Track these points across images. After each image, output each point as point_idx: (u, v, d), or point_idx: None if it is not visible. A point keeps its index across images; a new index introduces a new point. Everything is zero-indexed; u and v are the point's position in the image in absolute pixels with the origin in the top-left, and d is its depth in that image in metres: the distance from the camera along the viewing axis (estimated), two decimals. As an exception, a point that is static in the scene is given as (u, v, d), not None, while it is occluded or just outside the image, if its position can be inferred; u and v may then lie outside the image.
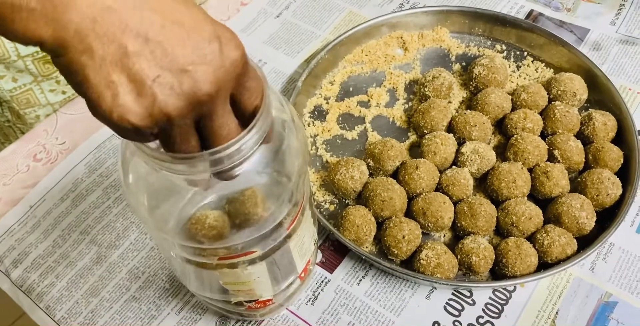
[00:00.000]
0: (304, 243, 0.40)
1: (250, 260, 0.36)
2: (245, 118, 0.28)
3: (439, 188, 0.51)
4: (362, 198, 0.51)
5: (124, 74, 0.23)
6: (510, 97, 0.57)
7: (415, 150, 0.56)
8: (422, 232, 0.49)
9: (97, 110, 0.24)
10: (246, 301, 0.41)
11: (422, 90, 0.58)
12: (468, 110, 0.55)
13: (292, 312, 0.48)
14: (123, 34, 0.23)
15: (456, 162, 0.53)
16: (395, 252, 0.48)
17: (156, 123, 0.24)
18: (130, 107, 0.24)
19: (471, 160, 0.52)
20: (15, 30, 0.22)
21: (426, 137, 0.54)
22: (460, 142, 0.54)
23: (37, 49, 0.53)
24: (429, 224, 0.49)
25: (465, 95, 0.59)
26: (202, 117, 0.26)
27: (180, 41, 0.24)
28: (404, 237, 0.47)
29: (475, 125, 0.53)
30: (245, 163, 0.29)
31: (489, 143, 0.56)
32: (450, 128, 0.55)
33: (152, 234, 0.38)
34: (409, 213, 0.50)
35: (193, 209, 0.35)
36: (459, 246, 0.48)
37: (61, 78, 0.58)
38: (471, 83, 0.58)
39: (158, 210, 0.34)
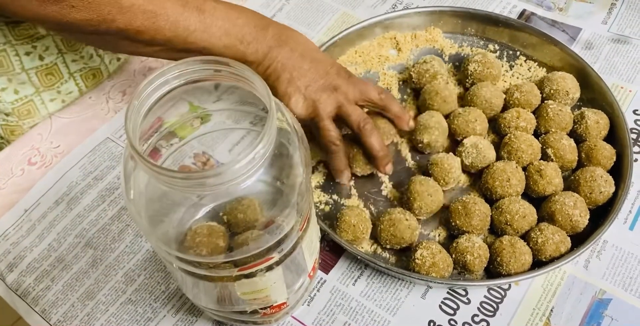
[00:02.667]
0: (312, 242, 0.41)
1: (268, 267, 0.36)
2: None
3: (426, 172, 0.53)
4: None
5: (293, 87, 0.49)
6: (503, 94, 0.57)
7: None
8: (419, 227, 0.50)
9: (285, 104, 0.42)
10: (261, 309, 0.41)
11: (410, 70, 0.59)
12: (462, 108, 0.56)
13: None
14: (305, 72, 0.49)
15: (454, 152, 0.54)
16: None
17: (310, 116, 0.49)
18: (297, 105, 0.49)
19: (467, 152, 0.52)
20: None
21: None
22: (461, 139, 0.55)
23: (42, 62, 0.54)
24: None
25: (459, 92, 0.60)
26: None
27: (314, 69, 0.50)
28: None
29: (476, 120, 0.54)
30: (254, 177, 0.30)
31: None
32: (450, 131, 0.55)
33: (159, 251, 0.38)
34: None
35: (190, 222, 0.35)
36: (454, 245, 0.48)
37: (62, 88, 0.58)
38: (467, 80, 0.59)
39: (159, 225, 0.35)
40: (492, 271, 0.48)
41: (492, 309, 0.48)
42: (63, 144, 0.58)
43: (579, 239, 0.48)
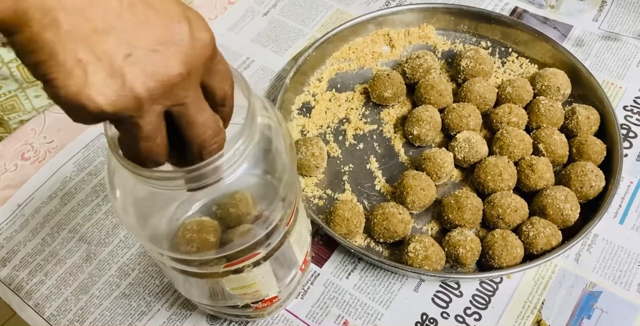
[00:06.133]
0: (301, 236, 0.41)
1: (255, 262, 0.36)
2: (215, 107, 0.27)
3: (419, 166, 0.53)
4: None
5: (92, 51, 0.22)
6: (496, 89, 0.58)
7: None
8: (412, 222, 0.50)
9: (60, 91, 0.22)
10: (252, 303, 0.42)
11: (403, 66, 0.59)
12: (456, 103, 0.56)
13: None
14: (92, 8, 0.22)
15: (447, 147, 0.55)
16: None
17: (125, 108, 0.23)
18: (100, 88, 0.22)
19: (460, 147, 0.53)
20: None
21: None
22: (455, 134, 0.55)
23: None
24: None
25: (453, 88, 0.60)
26: (176, 106, 0.24)
27: (150, 20, 0.23)
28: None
29: (470, 115, 0.54)
30: (237, 172, 0.30)
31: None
32: (444, 125, 0.56)
33: (148, 249, 0.37)
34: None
35: (182, 218, 0.35)
36: (446, 238, 0.49)
37: None
38: (459, 76, 0.59)
39: (148, 223, 0.34)
40: (484, 264, 0.49)
41: (484, 302, 0.48)
42: (57, 139, 0.58)
43: (570, 233, 0.49)
